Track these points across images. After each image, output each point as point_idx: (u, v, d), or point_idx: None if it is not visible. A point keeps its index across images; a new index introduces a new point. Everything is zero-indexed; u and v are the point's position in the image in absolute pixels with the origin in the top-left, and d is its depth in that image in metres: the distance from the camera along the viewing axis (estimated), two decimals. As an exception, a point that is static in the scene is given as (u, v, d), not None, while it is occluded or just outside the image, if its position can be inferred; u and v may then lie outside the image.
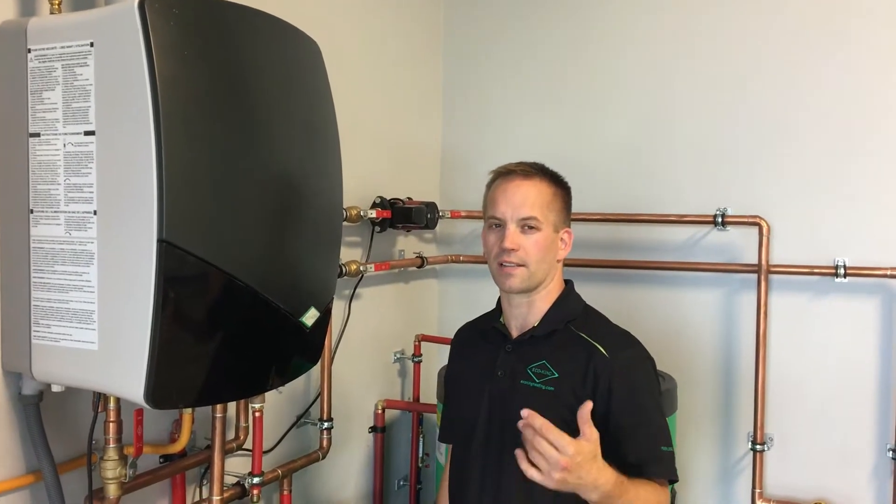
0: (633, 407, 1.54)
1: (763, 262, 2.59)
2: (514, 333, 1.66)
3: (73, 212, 1.42)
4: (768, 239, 2.59)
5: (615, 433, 1.50)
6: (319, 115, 1.74)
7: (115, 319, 1.40)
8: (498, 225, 1.61)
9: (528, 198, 1.59)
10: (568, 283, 1.71)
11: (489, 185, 1.67)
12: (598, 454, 1.36)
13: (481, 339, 1.74)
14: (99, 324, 1.41)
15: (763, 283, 2.60)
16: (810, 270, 2.58)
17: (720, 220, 2.64)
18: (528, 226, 1.58)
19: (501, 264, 1.59)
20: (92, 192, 1.40)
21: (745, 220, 2.63)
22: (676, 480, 1.55)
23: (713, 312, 2.76)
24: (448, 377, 1.85)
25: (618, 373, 1.55)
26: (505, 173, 1.64)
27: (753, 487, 2.63)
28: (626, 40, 2.87)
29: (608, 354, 1.57)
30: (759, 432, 2.61)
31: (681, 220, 2.73)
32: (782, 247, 2.63)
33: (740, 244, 2.68)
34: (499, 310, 1.73)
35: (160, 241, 1.32)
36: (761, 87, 2.66)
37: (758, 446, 2.62)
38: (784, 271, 2.61)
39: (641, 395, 1.58)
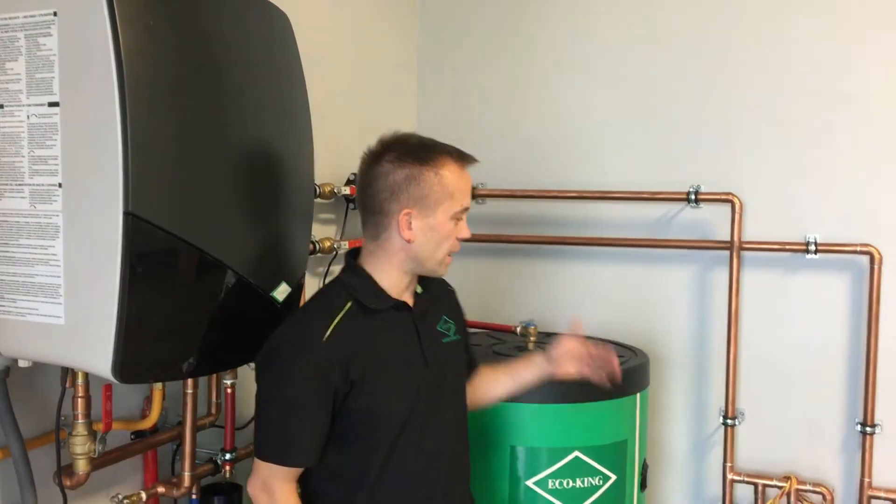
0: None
1: (735, 238, 2.61)
2: (408, 301, 1.65)
3: (38, 184, 1.40)
4: (741, 216, 2.61)
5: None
6: (290, 88, 1.73)
7: (81, 293, 1.38)
8: (460, 218, 1.59)
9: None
10: None
11: (437, 167, 1.56)
12: None
13: (377, 322, 1.59)
14: (65, 298, 1.40)
15: (735, 260, 2.62)
16: (782, 247, 2.60)
17: (693, 197, 2.66)
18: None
19: (448, 254, 1.61)
20: (57, 165, 1.38)
21: (718, 197, 2.64)
22: None
23: (686, 289, 2.78)
24: (334, 386, 1.51)
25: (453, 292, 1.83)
26: (462, 157, 1.60)
27: (725, 461, 2.66)
28: (601, 14, 2.86)
29: (451, 288, 1.81)
30: (730, 407, 2.65)
31: (654, 198, 2.74)
32: (755, 223, 2.65)
33: (713, 221, 2.70)
34: (371, 290, 1.59)
35: (126, 213, 1.31)
36: (734, 64, 2.67)
37: (729, 421, 2.65)
38: (756, 248, 2.63)
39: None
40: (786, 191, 2.62)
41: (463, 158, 1.59)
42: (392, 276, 1.60)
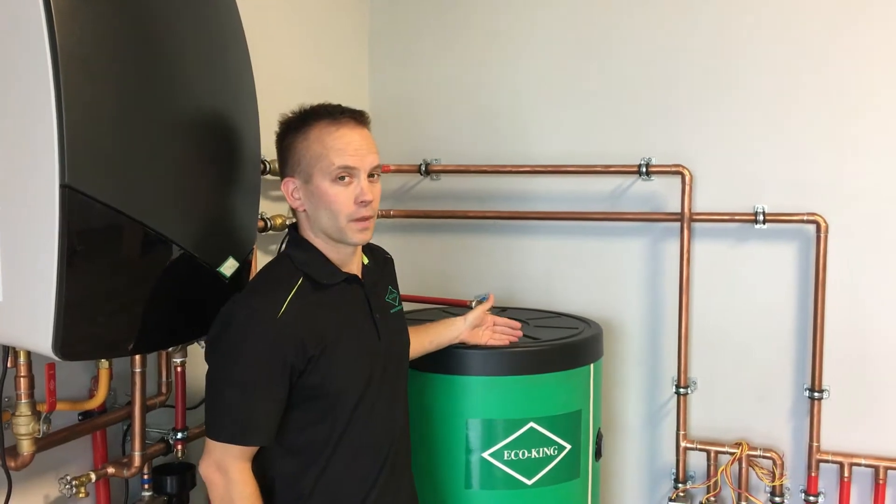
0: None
1: (686, 210, 2.64)
2: (356, 274, 1.66)
3: (-30, 158, 1.35)
4: (691, 187, 2.63)
5: None
6: (232, 57, 1.70)
7: (19, 269, 1.35)
8: (347, 179, 1.53)
9: (371, 146, 1.57)
10: None
11: (305, 131, 1.55)
12: None
13: (329, 295, 1.59)
14: (2, 274, 1.36)
15: (686, 231, 2.64)
16: (731, 217, 2.63)
17: (644, 169, 2.67)
18: (373, 175, 1.57)
19: (360, 219, 1.54)
20: (-11, 137, 1.34)
21: (669, 169, 2.66)
22: None
23: (639, 261, 2.80)
24: (287, 361, 1.50)
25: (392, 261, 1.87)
26: (334, 116, 1.55)
27: (678, 430, 2.70)
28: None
29: (387, 255, 1.87)
30: (682, 376, 2.68)
31: (606, 171, 2.76)
32: (705, 195, 2.68)
33: (664, 193, 2.72)
34: (322, 263, 1.59)
35: (63, 186, 1.28)
36: (682, 35, 2.68)
37: (682, 390, 2.68)
38: (706, 219, 2.66)
39: None
40: (735, 162, 2.65)
41: (334, 115, 1.55)
42: (329, 248, 1.60)
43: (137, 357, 1.84)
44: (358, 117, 1.57)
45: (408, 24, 3.07)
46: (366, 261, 1.69)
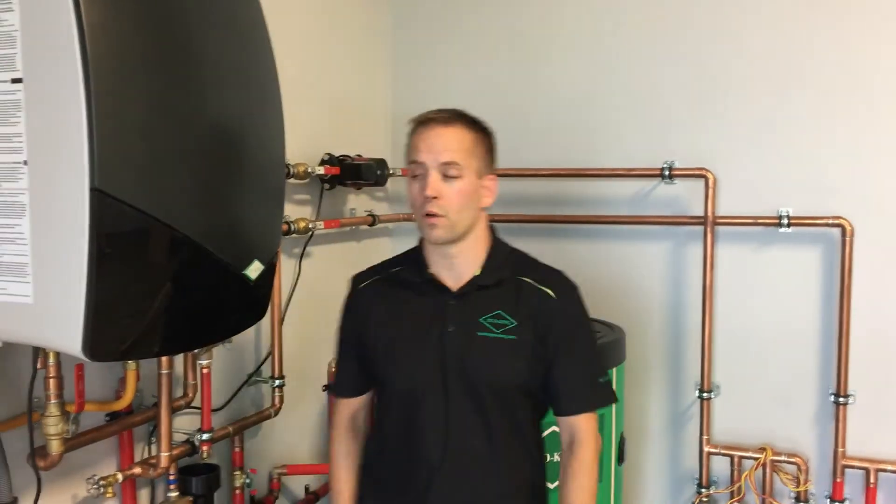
0: (574, 343, 1.67)
1: (709, 213, 2.63)
2: (452, 284, 1.64)
3: (3, 162, 1.38)
4: (714, 191, 2.63)
5: (554, 360, 1.64)
6: (259, 66, 1.71)
7: (49, 271, 1.37)
8: (419, 174, 1.59)
9: (448, 143, 1.57)
10: (493, 230, 1.72)
11: (410, 135, 1.63)
12: None
13: (408, 291, 1.67)
14: (33, 276, 1.38)
15: (709, 235, 2.64)
16: (755, 221, 2.62)
17: (667, 173, 2.67)
18: (449, 173, 1.56)
19: (427, 214, 1.57)
20: (21, 142, 1.36)
21: (692, 172, 2.66)
22: (615, 401, 1.80)
23: (661, 265, 2.80)
24: (358, 331, 1.71)
25: (563, 310, 1.66)
26: (424, 121, 1.61)
27: (701, 434, 2.69)
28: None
29: (556, 296, 1.65)
30: (705, 380, 2.67)
31: (628, 174, 2.76)
32: (728, 198, 2.67)
33: (687, 197, 2.72)
34: (417, 260, 1.68)
35: (93, 189, 1.29)
36: (703, 37, 2.68)
37: (705, 394, 2.68)
38: (729, 222, 2.65)
39: (583, 331, 1.70)
40: (759, 165, 2.64)
41: (426, 116, 1.62)
42: (427, 246, 1.67)
43: (164, 359, 1.86)
44: (445, 118, 1.61)
45: (430, 27, 3.09)
46: (478, 272, 1.64)
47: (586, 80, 2.85)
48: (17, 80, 1.35)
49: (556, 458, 2.17)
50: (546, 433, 2.15)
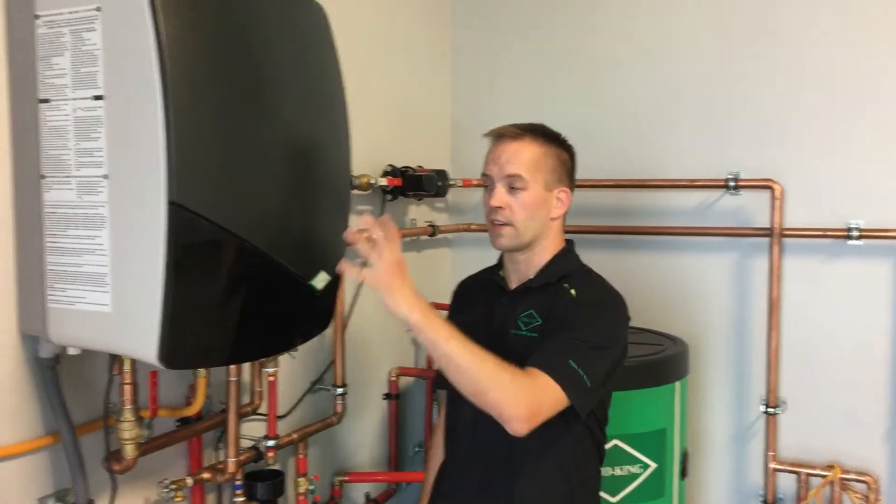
0: (567, 320, 1.59)
1: (776, 225, 2.58)
2: (512, 286, 1.72)
3: (84, 176, 1.43)
4: (781, 202, 2.58)
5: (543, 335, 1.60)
6: (327, 80, 1.75)
7: (127, 281, 1.42)
8: (487, 184, 1.67)
9: (514, 157, 1.63)
10: (569, 243, 1.75)
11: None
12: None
13: (481, 291, 1.79)
14: (112, 286, 1.43)
15: (776, 247, 2.59)
16: (823, 233, 2.56)
17: (732, 184, 2.63)
18: (514, 185, 1.62)
19: (492, 222, 1.65)
20: (102, 157, 1.41)
21: (758, 183, 2.61)
22: (579, 416, 1.55)
23: (725, 277, 2.76)
24: None
25: (571, 300, 1.63)
26: (497, 135, 1.68)
27: (766, 451, 2.64)
28: (639, 1, 2.85)
29: (575, 294, 1.64)
30: (771, 395, 2.62)
31: (692, 185, 2.72)
32: (795, 210, 2.62)
33: (752, 208, 2.67)
34: (500, 264, 1.79)
35: (170, 203, 1.34)
36: (771, 47, 2.64)
37: (770, 409, 2.62)
38: (797, 234, 2.60)
39: (581, 317, 1.60)
40: (827, 175, 2.58)
41: (493, 130, 1.70)
42: (504, 253, 1.73)
43: (232, 367, 1.90)
44: (515, 133, 1.66)
45: (491, 39, 3.10)
46: (532, 275, 1.69)
47: (650, 90, 2.82)
48: (98, 98, 1.41)
49: (617, 471, 2.16)
50: (608, 446, 2.14)
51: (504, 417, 1.44)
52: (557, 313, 1.61)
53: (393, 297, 1.43)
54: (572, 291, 1.65)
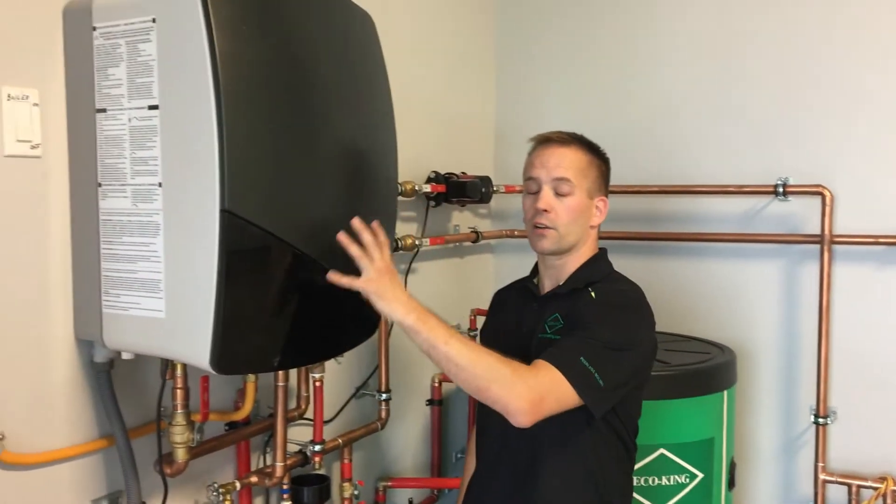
0: (582, 320, 1.58)
1: (826, 232, 2.54)
2: (544, 292, 1.73)
3: (139, 184, 1.47)
4: (832, 208, 2.53)
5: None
6: (374, 88, 1.76)
7: (181, 288, 1.44)
8: (533, 189, 1.67)
9: (562, 161, 1.65)
10: (601, 250, 1.76)
11: (529, 153, 1.72)
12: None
13: (516, 298, 1.81)
14: (166, 292, 1.46)
15: (826, 254, 2.54)
16: (875, 240, 2.51)
17: (781, 189, 2.59)
18: (560, 190, 1.63)
19: (535, 226, 1.65)
20: (157, 165, 1.44)
21: (808, 189, 2.57)
22: (594, 416, 1.54)
23: (773, 284, 2.71)
24: (483, 334, 1.88)
25: (589, 302, 1.62)
26: (543, 140, 1.70)
27: (816, 461, 2.59)
28: (685, 6, 2.82)
29: (595, 297, 1.64)
30: (821, 405, 2.57)
31: (740, 191, 2.69)
32: (845, 216, 2.57)
33: (801, 214, 2.63)
34: (535, 270, 1.80)
35: (223, 211, 1.36)
36: (822, 51, 2.59)
37: (821, 419, 2.57)
38: (848, 241, 2.55)
39: (596, 317, 1.58)
40: (878, 182, 2.53)
41: (538, 135, 1.72)
42: (539, 258, 1.75)
43: (280, 372, 1.92)
44: (562, 139, 1.69)
45: (533, 46, 3.09)
46: (561, 280, 1.69)
47: (700, 96, 2.79)
48: (153, 107, 1.44)
49: (664, 481, 2.14)
50: (654, 456, 2.13)
51: (509, 411, 1.45)
52: (575, 314, 1.62)
53: (387, 301, 1.45)
54: (592, 294, 1.66)
